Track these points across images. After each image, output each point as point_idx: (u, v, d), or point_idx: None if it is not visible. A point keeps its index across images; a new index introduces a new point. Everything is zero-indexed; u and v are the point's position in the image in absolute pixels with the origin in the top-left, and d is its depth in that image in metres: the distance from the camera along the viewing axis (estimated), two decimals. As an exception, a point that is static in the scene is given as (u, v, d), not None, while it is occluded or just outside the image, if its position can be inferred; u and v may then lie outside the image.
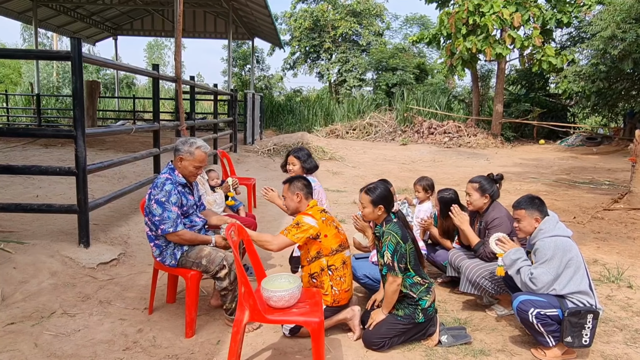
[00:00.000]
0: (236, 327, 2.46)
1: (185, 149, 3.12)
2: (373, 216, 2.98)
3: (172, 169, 3.15)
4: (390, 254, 2.80)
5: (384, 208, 2.94)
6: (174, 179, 3.09)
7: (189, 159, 3.12)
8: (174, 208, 3.00)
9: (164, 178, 3.06)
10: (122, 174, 7.78)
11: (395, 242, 2.82)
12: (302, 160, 4.07)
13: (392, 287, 2.83)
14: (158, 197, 2.98)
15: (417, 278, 2.90)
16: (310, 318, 2.45)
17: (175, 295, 3.57)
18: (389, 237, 2.84)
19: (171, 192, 3.01)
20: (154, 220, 3.00)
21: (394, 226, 2.89)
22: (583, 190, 8.66)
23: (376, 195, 2.93)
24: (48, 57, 10.92)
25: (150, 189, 3.06)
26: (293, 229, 2.96)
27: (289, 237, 2.94)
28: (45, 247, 4.08)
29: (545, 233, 2.88)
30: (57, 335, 2.95)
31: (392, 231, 2.85)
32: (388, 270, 2.82)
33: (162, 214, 2.97)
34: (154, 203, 2.98)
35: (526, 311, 2.75)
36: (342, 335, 3.11)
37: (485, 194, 3.56)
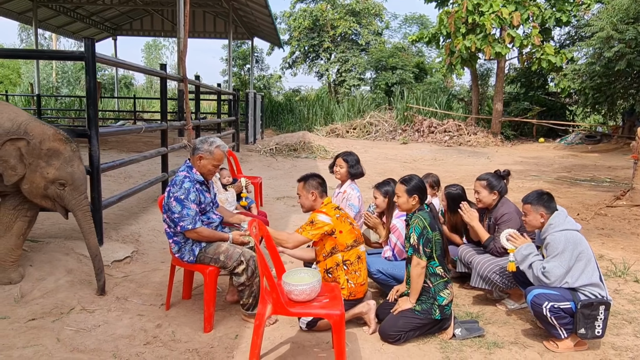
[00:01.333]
0: (258, 320, 2.51)
1: (205, 148, 3.17)
2: (407, 206, 3.08)
3: (190, 167, 3.20)
4: (416, 236, 2.91)
5: (418, 198, 3.05)
6: (191, 177, 3.14)
7: (208, 157, 3.18)
8: (192, 205, 3.05)
9: (182, 176, 3.11)
10: (128, 173, 7.84)
11: (422, 226, 2.92)
12: (350, 164, 4.09)
13: (417, 269, 2.91)
14: (177, 195, 3.03)
15: (439, 269, 2.97)
16: (331, 311, 2.51)
17: (191, 292, 3.62)
18: (416, 220, 2.96)
19: (190, 190, 3.06)
20: (173, 218, 3.05)
21: (424, 213, 3.00)
22: (585, 188, 8.74)
23: (411, 186, 3.05)
24: (62, 57, 11.04)
25: (169, 186, 3.11)
26: (308, 227, 3.03)
27: (304, 234, 3.02)
28: (59, 245, 4.13)
29: (556, 227, 2.94)
30: (78, 331, 3.00)
31: (421, 216, 2.97)
32: (413, 251, 2.91)
33: (181, 211, 3.02)
34: (173, 200, 3.03)
35: (540, 305, 2.82)
36: (358, 329, 3.17)
37: (494, 191, 3.62)
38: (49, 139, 3.24)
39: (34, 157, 3.21)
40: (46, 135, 3.24)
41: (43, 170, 3.25)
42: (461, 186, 3.99)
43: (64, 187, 3.33)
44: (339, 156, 4.16)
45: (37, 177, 3.26)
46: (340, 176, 4.12)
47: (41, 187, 3.29)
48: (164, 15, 21.09)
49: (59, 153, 3.28)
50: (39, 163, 3.22)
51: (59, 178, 3.29)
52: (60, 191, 3.33)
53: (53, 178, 3.27)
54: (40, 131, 3.23)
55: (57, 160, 3.27)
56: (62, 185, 3.32)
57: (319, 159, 12.43)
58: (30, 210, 3.49)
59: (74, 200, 3.38)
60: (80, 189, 3.41)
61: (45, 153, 3.23)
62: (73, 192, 3.36)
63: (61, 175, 3.29)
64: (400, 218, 3.52)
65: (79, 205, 3.40)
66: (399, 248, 3.50)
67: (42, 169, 3.25)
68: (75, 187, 3.38)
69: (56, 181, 3.29)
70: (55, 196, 3.35)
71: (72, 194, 3.36)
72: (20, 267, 3.53)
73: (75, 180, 3.36)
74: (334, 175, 4.21)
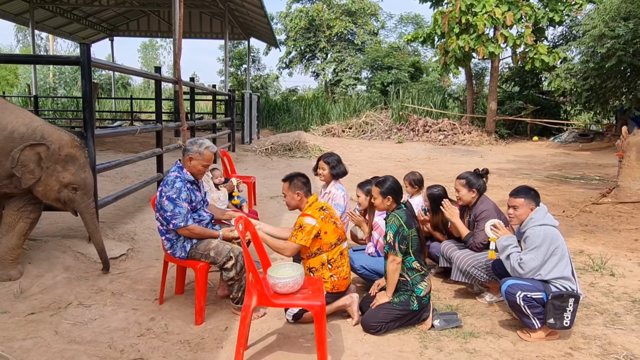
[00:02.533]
0: (245, 312, 2.67)
1: (195, 149, 3.32)
2: (383, 206, 3.25)
3: (181, 167, 3.35)
4: (392, 233, 3.07)
5: (392, 199, 3.21)
6: (182, 177, 3.29)
7: (197, 158, 3.33)
8: (184, 204, 3.20)
9: (173, 176, 3.26)
10: (124, 173, 7.98)
11: (398, 225, 3.08)
12: (332, 165, 4.27)
13: (392, 265, 3.08)
14: (169, 194, 3.18)
15: (415, 264, 3.13)
16: (312, 302, 2.66)
17: (183, 287, 3.77)
18: (392, 219, 3.12)
19: (181, 189, 3.21)
20: (165, 216, 3.20)
21: (401, 212, 3.16)
22: (574, 186, 8.92)
23: (385, 188, 3.22)
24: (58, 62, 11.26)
25: (161, 186, 3.26)
26: (299, 233, 3.15)
27: (297, 241, 3.14)
28: (57, 244, 4.28)
29: (536, 222, 3.11)
30: (75, 324, 3.15)
31: (397, 215, 3.13)
32: (389, 248, 3.07)
33: (173, 210, 3.17)
34: (165, 200, 3.18)
35: (514, 294, 2.98)
36: (342, 320, 3.32)
37: (473, 189, 3.77)
38: (67, 145, 3.49)
39: (52, 161, 3.45)
40: (64, 141, 3.48)
41: (59, 174, 3.50)
42: (442, 187, 4.16)
43: (76, 191, 3.59)
44: (321, 159, 4.33)
45: (53, 181, 3.50)
46: (324, 178, 4.29)
47: (55, 190, 3.53)
48: (161, 15, 21.20)
49: (75, 159, 3.55)
50: (56, 168, 3.47)
51: (72, 183, 3.55)
52: (72, 195, 3.59)
53: (67, 182, 3.53)
54: (58, 137, 3.47)
55: (73, 166, 3.54)
56: (74, 189, 3.58)
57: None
58: (33, 212, 3.67)
59: (84, 203, 3.67)
60: (90, 193, 3.70)
61: (63, 159, 3.48)
62: (84, 196, 3.65)
63: (75, 180, 3.55)
64: (382, 215, 3.67)
65: (88, 208, 3.70)
66: (381, 244, 3.65)
67: (59, 173, 3.50)
68: (86, 192, 3.66)
69: (70, 185, 3.54)
70: (67, 199, 3.60)
71: (83, 197, 3.65)
72: (20, 265, 3.69)
73: (87, 185, 3.64)
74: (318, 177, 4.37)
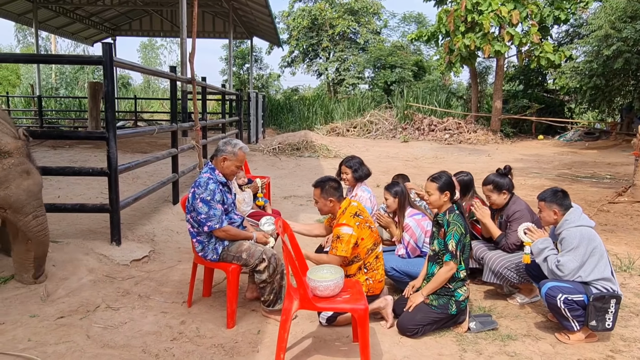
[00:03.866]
0: (285, 315, 2.61)
1: (229, 150, 3.27)
2: (439, 203, 3.15)
3: (213, 169, 3.29)
4: (455, 242, 3.00)
5: (449, 195, 3.12)
6: (215, 178, 3.23)
7: (232, 159, 3.28)
8: (218, 205, 3.15)
9: (206, 177, 3.20)
10: (135, 174, 7.94)
11: (460, 233, 3.01)
12: (354, 169, 4.24)
13: (448, 274, 3.03)
14: (203, 196, 3.13)
15: (463, 272, 3.08)
16: (356, 305, 2.61)
17: (211, 289, 3.72)
18: (455, 227, 3.03)
19: (215, 191, 3.16)
20: (199, 218, 3.14)
21: (459, 217, 3.07)
22: (586, 185, 8.87)
23: (442, 182, 3.12)
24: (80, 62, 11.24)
25: (193, 187, 3.20)
26: (338, 245, 3.09)
27: (339, 253, 3.09)
28: (79, 246, 4.23)
29: (571, 223, 3.06)
30: (106, 328, 3.10)
31: (457, 222, 3.04)
32: (451, 257, 3.00)
33: (208, 212, 3.12)
34: (199, 202, 3.13)
35: (554, 297, 2.93)
36: (375, 323, 3.27)
37: (503, 190, 3.72)
38: None
39: None
40: None
41: None
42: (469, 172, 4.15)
43: (4, 210, 3.09)
44: (342, 163, 4.31)
45: None
46: (348, 182, 4.25)
47: None
48: (163, 15, 21.12)
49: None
50: None
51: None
52: (3, 214, 3.11)
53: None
54: None
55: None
56: (1, 208, 3.08)
57: (322, 158, 12.53)
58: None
59: (20, 222, 3.12)
60: (24, 210, 3.11)
61: None
62: (16, 215, 3.10)
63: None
64: (413, 217, 3.63)
65: (27, 227, 3.15)
66: (412, 246, 3.61)
67: None
68: (16, 210, 3.07)
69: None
70: (5, 219, 3.10)
71: (16, 216, 3.11)
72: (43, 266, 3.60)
73: (12, 203, 3.05)
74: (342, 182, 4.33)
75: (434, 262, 3.16)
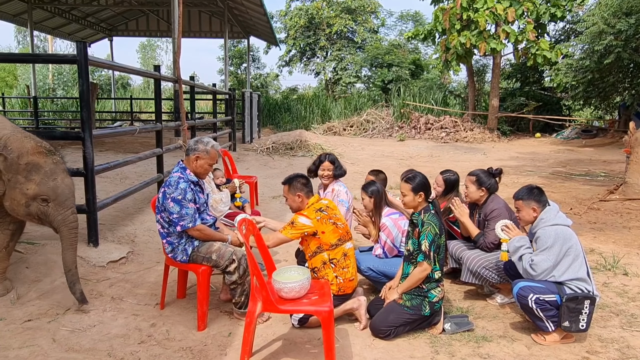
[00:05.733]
0: (249, 317, 2.56)
1: (202, 148, 3.22)
2: (413, 204, 3.10)
3: (184, 168, 3.24)
4: (428, 243, 2.93)
5: (424, 195, 3.07)
6: (186, 177, 3.18)
7: (205, 157, 3.24)
8: (190, 204, 3.11)
9: (176, 177, 3.15)
10: (124, 174, 7.87)
11: (434, 233, 2.95)
12: (336, 165, 4.24)
13: (422, 274, 2.96)
14: (174, 195, 3.07)
15: (438, 273, 3.01)
16: (320, 307, 2.56)
17: (185, 291, 3.67)
18: (429, 227, 2.96)
19: (186, 190, 3.11)
20: (172, 218, 3.09)
21: (433, 217, 3.01)
22: (579, 182, 8.80)
23: (416, 183, 3.06)
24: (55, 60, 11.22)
25: (164, 187, 3.15)
26: (288, 227, 3.13)
27: (284, 233, 3.12)
28: (55, 247, 4.16)
29: (547, 222, 3.00)
30: (74, 331, 3.05)
31: (431, 222, 2.98)
32: (424, 258, 2.94)
33: (180, 211, 3.07)
34: (170, 201, 3.07)
35: (525, 297, 2.87)
36: (349, 325, 3.22)
37: (482, 187, 3.67)
38: (27, 153, 3.04)
39: (13, 172, 3.03)
40: (25, 148, 3.04)
41: (23, 186, 3.04)
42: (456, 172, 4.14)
43: (47, 202, 3.10)
44: (325, 159, 4.25)
45: (18, 194, 3.06)
46: (328, 179, 4.20)
47: (22, 204, 3.08)
48: (160, 15, 21.08)
49: (38, 167, 3.06)
50: (18, 179, 3.04)
51: (40, 194, 3.06)
52: (44, 207, 3.10)
53: (34, 194, 3.05)
54: (19, 145, 3.04)
55: (37, 175, 3.05)
56: (44, 201, 3.09)
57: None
58: (13, 223, 3.36)
59: (60, 216, 3.14)
60: (66, 203, 3.16)
61: (24, 168, 3.03)
62: (58, 208, 3.13)
63: (42, 191, 3.06)
64: (390, 216, 3.57)
65: (65, 221, 3.16)
66: (389, 246, 3.55)
67: (22, 185, 3.04)
68: (60, 203, 3.13)
69: (38, 197, 3.07)
70: (39, 213, 3.12)
71: (57, 209, 3.13)
72: (7, 281, 3.46)
73: (58, 195, 3.12)
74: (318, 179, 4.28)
75: (409, 262, 3.11)
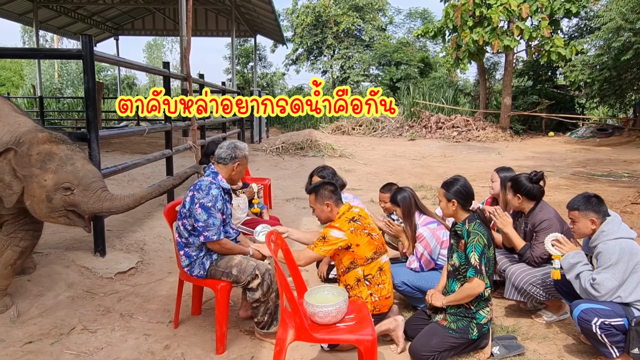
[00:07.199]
0: (279, 346, 2.24)
1: (242, 154, 3.00)
2: (448, 211, 2.83)
3: (216, 173, 2.94)
4: (478, 255, 2.61)
5: (457, 203, 2.76)
6: (218, 184, 2.89)
7: (244, 162, 3.03)
8: (218, 215, 2.81)
9: (208, 181, 2.85)
10: (131, 176, 7.59)
11: (482, 244, 2.63)
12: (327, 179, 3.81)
13: (475, 291, 2.62)
14: (204, 202, 2.77)
15: (488, 290, 2.68)
16: (362, 336, 2.23)
17: (200, 307, 3.36)
18: (476, 237, 2.64)
19: (217, 198, 2.82)
20: (196, 226, 2.78)
21: (480, 227, 2.69)
22: (604, 184, 8.42)
23: (451, 191, 2.78)
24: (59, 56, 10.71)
25: (192, 191, 2.84)
26: (320, 243, 2.78)
27: (316, 250, 2.77)
28: (59, 257, 3.88)
29: (609, 235, 2.65)
30: (79, 355, 2.74)
31: (479, 232, 2.66)
32: (475, 272, 2.61)
33: (207, 220, 2.77)
34: (198, 207, 2.77)
35: (589, 321, 2.53)
36: (384, 347, 2.89)
37: (518, 194, 3.34)
38: (38, 143, 2.82)
39: (26, 166, 2.79)
40: (36, 139, 2.82)
41: (39, 178, 2.78)
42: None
43: (70, 190, 2.83)
44: (313, 174, 3.86)
45: (36, 189, 2.80)
46: None
47: (44, 199, 2.81)
48: (166, 14, 20.83)
49: (51, 154, 2.82)
50: (33, 171, 2.79)
51: (60, 181, 2.80)
52: (71, 197, 2.84)
53: (54, 184, 2.80)
54: (31, 137, 2.83)
55: (52, 163, 2.80)
56: (68, 189, 2.82)
57: (327, 158, 12.14)
58: (24, 240, 3.10)
59: (92, 199, 2.85)
60: (93, 186, 2.87)
61: (37, 158, 2.79)
62: (86, 193, 2.84)
63: (62, 178, 2.80)
64: (427, 226, 3.24)
65: (102, 198, 2.86)
66: (426, 258, 3.22)
67: (38, 177, 2.78)
68: (86, 186, 2.85)
69: (59, 187, 2.81)
70: (66, 205, 2.85)
71: (85, 194, 2.84)
72: (7, 296, 3.18)
73: (81, 178, 2.84)
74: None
75: (454, 278, 2.77)
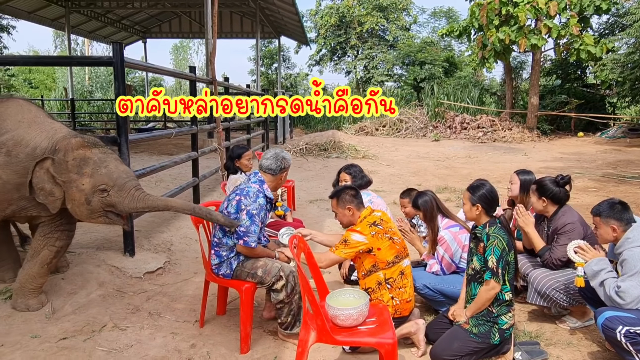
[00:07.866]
0: (301, 347, 2.30)
1: (288, 164, 3.10)
2: (471, 215, 2.85)
3: (262, 181, 3.03)
4: (496, 258, 2.64)
5: (481, 208, 2.78)
6: (264, 193, 2.98)
7: (288, 170, 3.13)
8: (260, 223, 2.91)
9: (255, 189, 2.95)
10: (159, 177, 7.77)
11: (501, 248, 2.65)
12: (354, 176, 3.95)
13: (490, 294, 2.66)
14: (250, 209, 2.87)
15: (508, 294, 2.69)
16: (382, 339, 2.27)
17: (225, 307, 3.45)
18: (495, 240, 2.67)
19: (262, 207, 2.93)
20: (238, 230, 2.87)
21: (500, 230, 2.71)
22: (635, 186, 8.21)
23: (477, 195, 2.80)
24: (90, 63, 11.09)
25: (239, 195, 2.93)
26: (341, 246, 2.84)
27: (337, 253, 2.84)
28: (91, 257, 4.03)
29: (634, 242, 2.62)
30: (110, 351, 2.86)
31: (498, 235, 2.69)
32: (491, 275, 2.64)
33: (249, 227, 2.86)
34: (244, 213, 2.87)
35: (614, 329, 2.50)
36: (405, 350, 2.92)
37: (542, 197, 3.31)
38: (72, 149, 2.95)
39: (64, 172, 2.94)
40: (69, 145, 2.96)
41: (77, 183, 2.93)
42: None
43: (107, 192, 2.95)
44: (341, 171, 4.04)
45: (76, 193, 2.95)
46: None
47: (83, 202, 2.95)
48: (192, 16, 21.19)
49: (86, 159, 2.96)
50: (71, 177, 2.94)
51: (96, 185, 2.93)
52: (107, 198, 2.95)
53: (91, 187, 2.93)
54: (65, 143, 2.97)
55: (87, 167, 2.94)
56: (104, 191, 2.94)
57: (350, 159, 12.17)
58: (60, 240, 3.25)
59: (127, 199, 2.95)
60: (127, 185, 2.98)
61: (73, 164, 2.94)
62: (121, 193, 2.95)
63: (98, 181, 2.93)
64: (449, 229, 3.25)
65: (136, 198, 2.97)
66: (447, 262, 3.23)
67: (76, 182, 2.93)
68: (120, 187, 2.96)
69: (96, 189, 2.94)
70: (104, 207, 2.98)
71: (120, 194, 2.95)
72: (42, 294, 3.32)
73: (116, 179, 2.96)
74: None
75: (475, 282, 2.78)
